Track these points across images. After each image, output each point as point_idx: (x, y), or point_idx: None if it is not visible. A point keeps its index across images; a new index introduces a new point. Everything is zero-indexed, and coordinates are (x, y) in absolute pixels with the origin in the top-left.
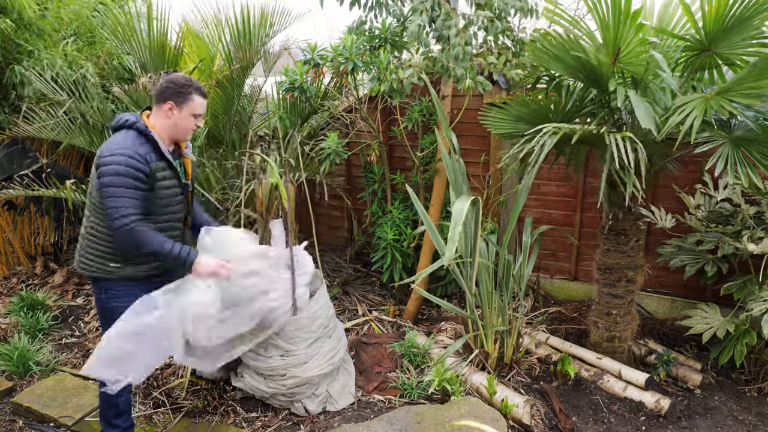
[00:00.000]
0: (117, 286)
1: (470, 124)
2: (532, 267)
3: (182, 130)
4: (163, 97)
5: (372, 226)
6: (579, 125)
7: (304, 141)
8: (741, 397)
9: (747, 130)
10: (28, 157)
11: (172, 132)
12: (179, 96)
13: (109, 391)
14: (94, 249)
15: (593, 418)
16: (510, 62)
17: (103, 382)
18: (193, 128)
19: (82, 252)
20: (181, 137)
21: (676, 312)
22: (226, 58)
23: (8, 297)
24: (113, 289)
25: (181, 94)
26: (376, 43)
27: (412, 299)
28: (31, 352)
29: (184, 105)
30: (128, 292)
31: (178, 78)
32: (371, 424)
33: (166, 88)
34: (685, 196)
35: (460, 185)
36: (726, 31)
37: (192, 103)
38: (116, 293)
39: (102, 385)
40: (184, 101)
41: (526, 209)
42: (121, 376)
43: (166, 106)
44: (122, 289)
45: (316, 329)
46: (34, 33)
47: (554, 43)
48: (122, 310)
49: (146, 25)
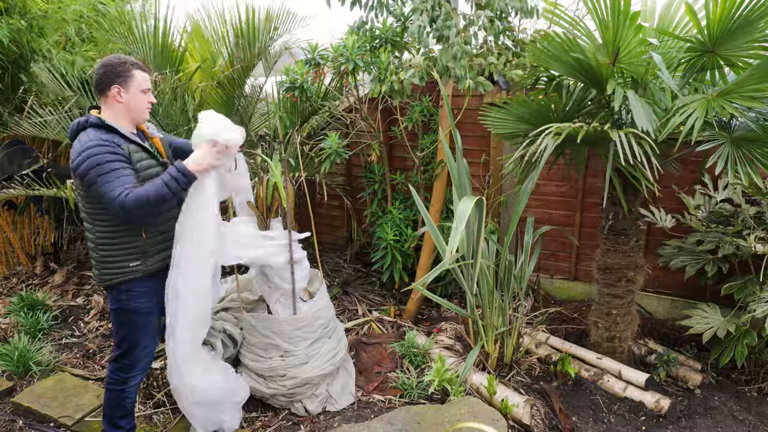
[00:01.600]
0: (137, 286)
1: (470, 124)
2: (533, 267)
3: (136, 109)
4: (105, 84)
5: (372, 226)
6: (581, 125)
7: (304, 141)
8: (741, 397)
9: (747, 130)
10: (29, 156)
11: (127, 115)
12: (120, 77)
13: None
14: (110, 257)
15: (593, 418)
16: (510, 62)
17: (110, 381)
18: (147, 106)
19: (100, 265)
20: (139, 118)
21: (676, 312)
22: (228, 59)
23: (8, 297)
24: (133, 289)
25: (121, 74)
26: (377, 43)
27: (412, 299)
28: (31, 352)
29: (128, 84)
30: (145, 292)
31: (112, 60)
32: (371, 424)
33: (104, 74)
34: (685, 197)
35: (464, 185)
36: (731, 33)
37: (135, 79)
38: (136, 293)
39: (109, 384)
40: (126, 80)
41: (526, 209)
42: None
43: (112, 92)
44: (141, 288)
45: (316, 329)
46: (36, 33)
47: (554, 43)
48: (141, 310)
49: (153, 26)
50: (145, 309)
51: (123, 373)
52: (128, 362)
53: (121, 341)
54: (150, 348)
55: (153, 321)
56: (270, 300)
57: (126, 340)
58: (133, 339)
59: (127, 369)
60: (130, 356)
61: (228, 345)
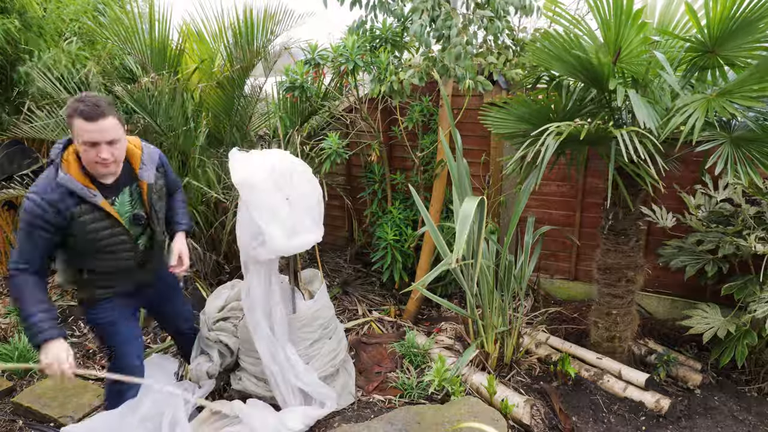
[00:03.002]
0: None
1: (470, 124)
2: (533, 267)
3: (88, 164)
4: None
5: (372, 226)
6: (583, 123)
7: (304, 141)
8: (741, 397)
9: (747, 130)
10: (29, 157)
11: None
12: (69, 124)
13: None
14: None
15: (593, 418)
16: (510, 62)
17: (112, 381)
18: (95, 160)
19: (61, 274)
20: (95, 171)
21: (677, 312)
22: (227, 59)
23: (8, 297)
24: (93, 307)
25: (69, 124)
26: (377, 43)
27: (412, 299)
28: (31, 352)
29: (74, 133)
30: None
31: (69, 102)
32: (371, 424)
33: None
34: (685, 196)
35: (465, 186)
36: (731, 33)
37: (75, 129)
38: (96, 311)
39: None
40: (72, 128)
41: (526, 209)
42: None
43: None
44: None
45: (315, 329)
46: (35, 33)
47: (555, 42)
48: (100, 322)
49: (148, 26)
50: (103, 321)
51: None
52: (118, 367)
53: (102, 348)
54: (135, 350)
55: (120, 329)
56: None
57: (106, 347)
58: (111, 345)
59: (120, 372)
60: (117, 361)
61: (225, 354)
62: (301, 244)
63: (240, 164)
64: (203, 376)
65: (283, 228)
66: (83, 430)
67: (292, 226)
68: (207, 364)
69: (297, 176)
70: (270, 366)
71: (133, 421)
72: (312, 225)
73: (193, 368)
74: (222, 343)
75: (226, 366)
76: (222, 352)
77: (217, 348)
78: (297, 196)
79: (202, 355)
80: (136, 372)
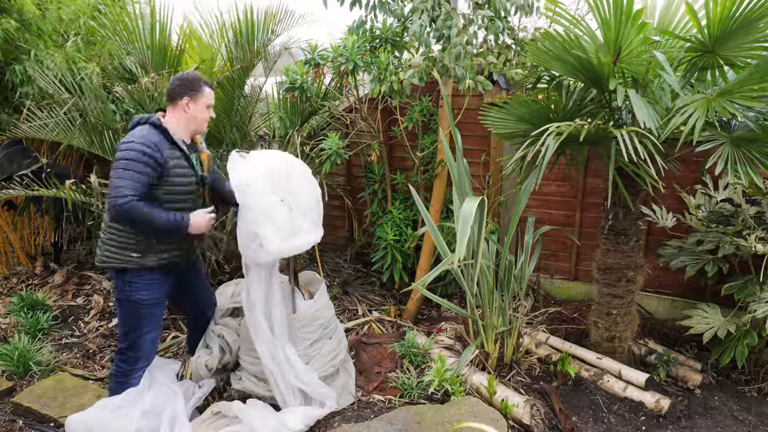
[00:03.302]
0: (138, 278)
1: (470, 124)
2: (533, 267)
3: (200, 121)
4: (177, 94)
5: (372, 226)
6: (583, 123)
7: (304, 141)
8: (741, 397)
9: (747, 130)
10: (29, 157)
11: (190, 125)
12: (193, 90)
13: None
14: (114, 241)
15: (593, 418)
16: (510, 62)
17: (114, 374)
18: (207, 119)
19: (103, 246)
20: (200, 128)
21: (677, 312)
22: (227, 59)
23: (8, 297)
24: (135, 281)
25: (194, 89)
26: (377, 43)
27: (412, 299)
28: (31, 352)
29: (198, 98)
30: (147, 284)
31: (189, 75)
32: (371, 424)
33: (180, 85)
34: (685, 196)
35: (464, 185)
36: (731, 33)
37: (204, 95)
38: (138, 285)
39: (113, 377)
40: (197, 95)
41: (526, 209)
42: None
43: (182, 102)
44: (142, 280)
45: (315, 329)
46: (34, 33)
47: (555, 42)
48: (143, 302)
49: (149, 26)
50: (148, 300)
51: (127, 365)
52: (133, 355)
53: (126, 333)
54: (155, 339)
55: (157, 312)
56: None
57: (131, 332)
58: (137, 330)
59: (131, 361)
60: (135, 348)
61: (225, 350)
62: (300, 245)
63: (238, 167)
64: (202, 369)
65: (281, 230)
66: (86, 418)
67: (290, 228)
68: (206, 357)
69: (296, 177)
70: (270, 366)
71: (135, 413)
72: (311, 226)
73: (193, 361)
74: (223, 338)
75: (225, 364)
76: (223, 347)
77: (219, 342)
78: (296, 198)
79: (204, 348)
80: (150, 362)
